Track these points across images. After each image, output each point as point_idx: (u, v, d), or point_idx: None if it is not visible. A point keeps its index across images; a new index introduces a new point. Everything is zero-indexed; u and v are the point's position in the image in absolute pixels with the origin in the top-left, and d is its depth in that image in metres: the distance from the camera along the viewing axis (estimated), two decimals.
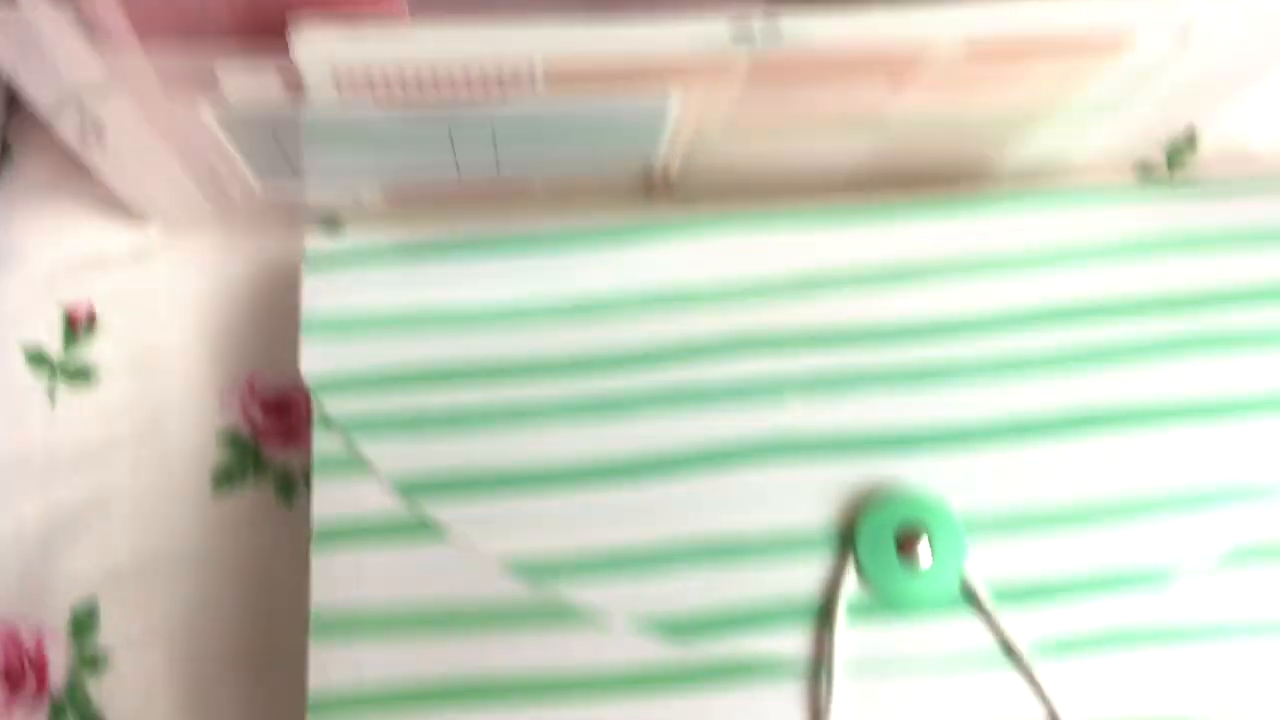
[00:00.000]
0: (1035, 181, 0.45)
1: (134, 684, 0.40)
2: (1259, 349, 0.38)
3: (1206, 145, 0.46)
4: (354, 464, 0.37)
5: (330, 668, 0.35)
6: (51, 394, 0.43)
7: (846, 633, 0.35)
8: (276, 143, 0.37)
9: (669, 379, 0.38)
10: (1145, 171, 0.47)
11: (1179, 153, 0.46)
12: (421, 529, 0.37)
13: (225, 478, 0.42)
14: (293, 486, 0.42)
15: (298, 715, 0.35)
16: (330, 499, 0.37)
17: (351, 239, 0.41)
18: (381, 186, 0.42)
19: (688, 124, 0.37)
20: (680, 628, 0.35)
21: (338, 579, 0.36)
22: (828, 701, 0.35)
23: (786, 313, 0.39)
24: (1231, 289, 0.39)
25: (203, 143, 0.37)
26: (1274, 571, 0.36)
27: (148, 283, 0.45)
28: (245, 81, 0.33)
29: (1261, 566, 0.36)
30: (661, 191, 0.46)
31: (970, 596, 0.36)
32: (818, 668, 0.35)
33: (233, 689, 0.40)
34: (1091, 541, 0.36)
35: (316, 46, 0.30)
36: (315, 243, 0.41)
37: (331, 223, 0.45)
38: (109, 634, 0.41)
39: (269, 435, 0.43)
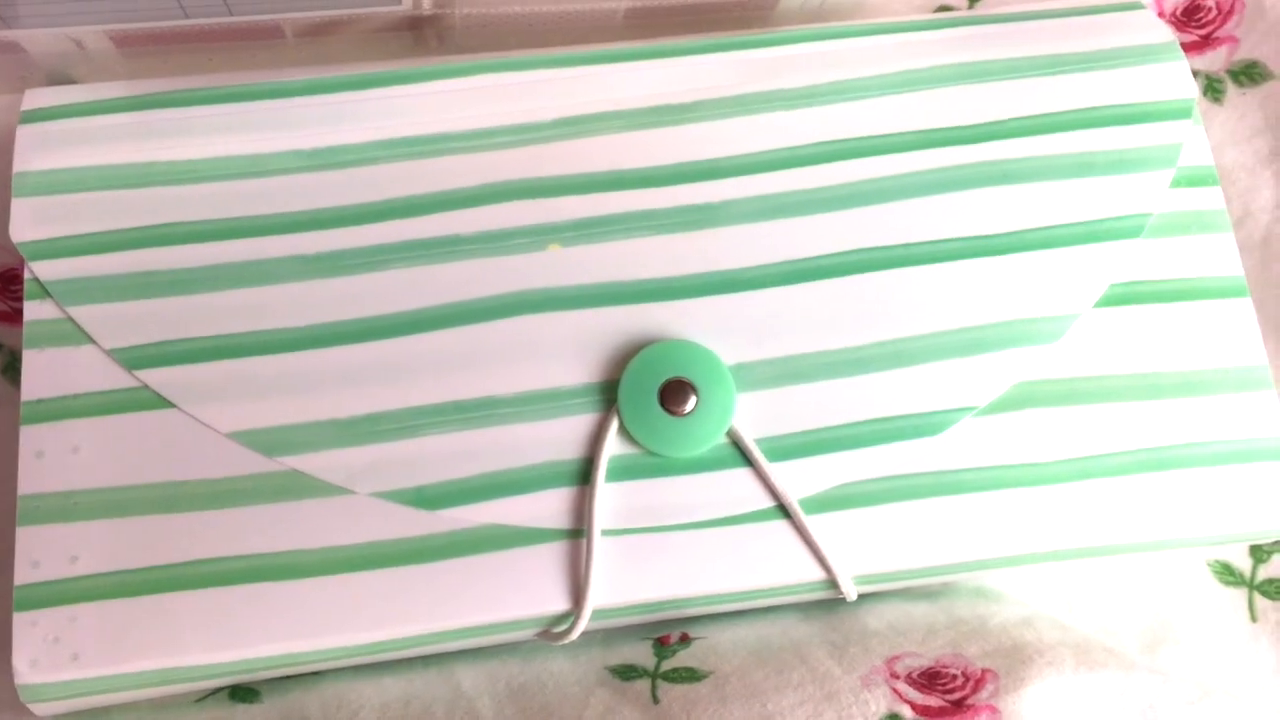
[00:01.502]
0: (825, 22, 0.42)
1: None
2: (1041, 181, 0.37)
3: None
4: (68, 333, 0.34)
5: (41, 557, 0.32)
6: None
7: (608, 491, 0.33)
8: None
9: (416, 230, 0.35)
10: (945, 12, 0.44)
11: None
12: (142, 401, 0.33)
13: None
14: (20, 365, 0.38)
15: None
16: (42, 371, 0.34)
17: (74, 91, 0.37)
18: (107, 30, 0.38)
19: None
20: (430, 498, 0.33)
21: (50, 458, 0.33)
22: (589, 562, 0.33)
23: (548, 157, 0.36)
24: (1017, 120, 0.38)
25: None
26: (1049, 415, 0.35)
27: None
28: None
29: (1037, 410, 0.35)
30: (433, 40, 0.42)
31: (739, 450, 0.34)
32: (578, 529, 0.33)
33: None
34: (865, 389, 0.35)
35: None
36: (35, 97, 0.37)
37: (65, 82, 0.41)
38: None
39: None
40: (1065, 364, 0.35)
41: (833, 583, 0.34)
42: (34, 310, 0.34)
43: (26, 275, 0.34)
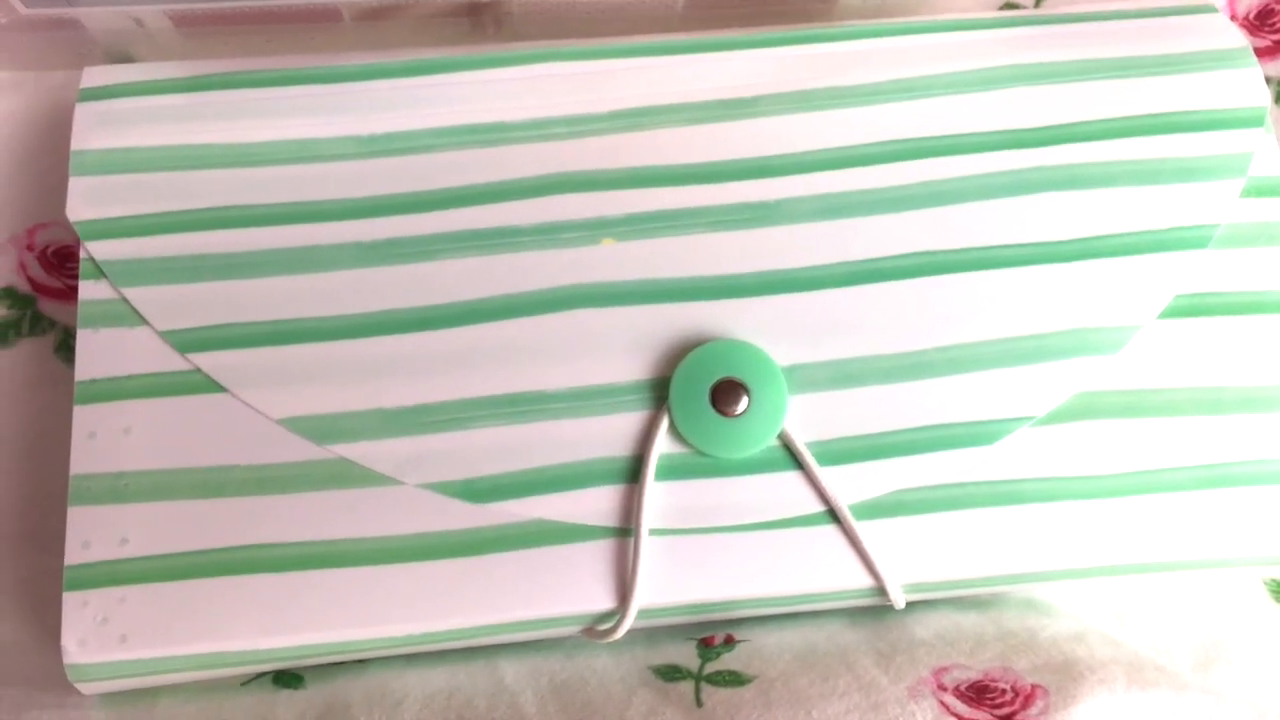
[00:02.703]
0: (888, 18, 0.41)
1: None
2: (1109, 187, 0.36)
3: None
4: (123, 314, 0.34)
5: (91, 537, 0.32)
6: None
7: (657, 490, 0.33)
8: None
9: (471, 220, 0.35)
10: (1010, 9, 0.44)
11: None
12: (194, 385, 0.33)
13: None
14: (74, 344, 0.38)
15: None
16: (96, 351, 0.34)
17: (133, 70, 0.37)
18: (166, 10, 0.38)
19: None
20: (478, 491, 0.33)
21: (102, 438, 0.33)
22: (635, 561, 0.32)
23: (604, 150, 0.36)
24: (1084, 124, 0.37)
25: None
26: (1109, 427, 0.34)
27: None
28: None
29: (1098, 421, 0.34)
30: (490, 27, 0.42)
31: (790, 453, 0.33)
32: (626, 527, 0.33)
33: (5, 562, 0.37)
34: (920, 395, 0.34)
35: None
36: (93, 74, 0.37)
37: (124, 60, 0.41)
38: None
39: (48, 291, 0.39)
40: (1126, 375, 0.35)
41: (881, 590, 0.33)
42: (89, 290, 0.34)
43: (82, 255, 0.34)
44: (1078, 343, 0.35)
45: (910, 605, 0.34)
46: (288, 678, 0.35)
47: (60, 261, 0.39)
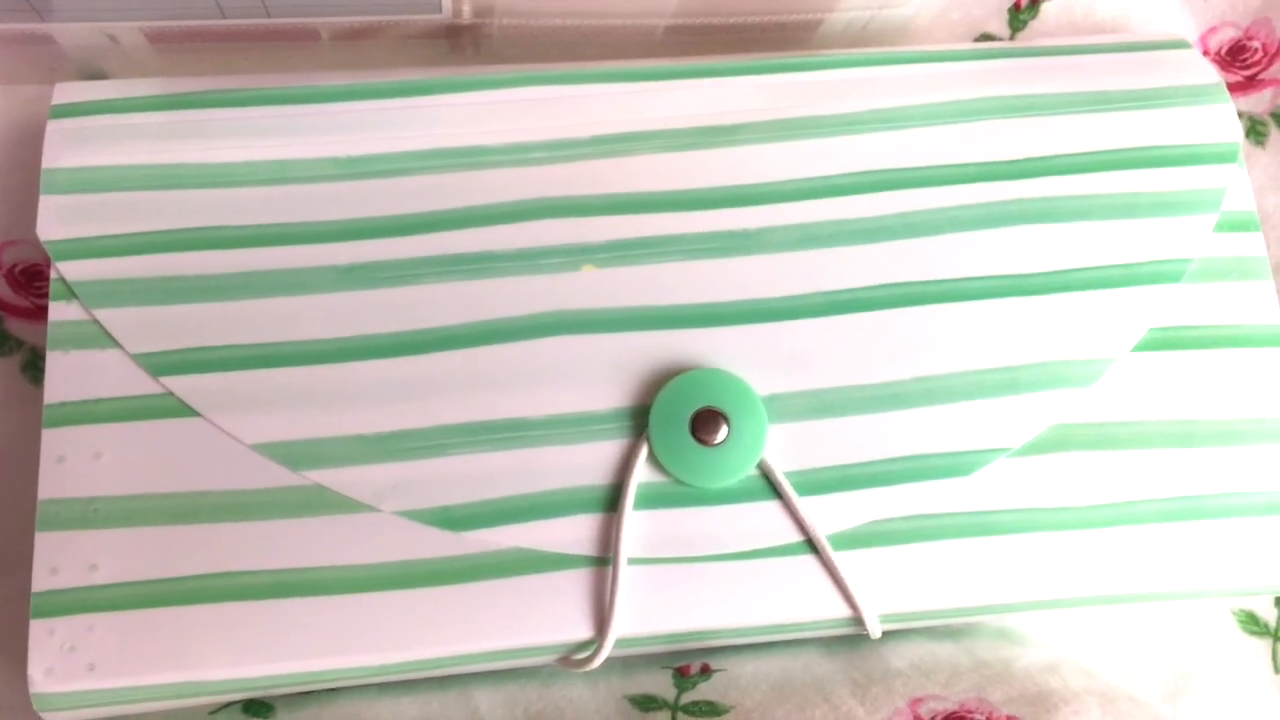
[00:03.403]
0: (867, 47, 0.42)
1: None
2: (1084, 220, 0.36)
3: (1050, 10, 0.43)
4: (94, 335, 0.33)
5: (60, 564, 0.32)
6: None
7: (636, 519, 0.33)
8: None
9: (451, 245, 0.35)
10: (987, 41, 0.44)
11: (1020, 18, 0.43)
12: (167, 409, 0.33)
13: None
14: (42, 365, 0.38)
15: None
16: (66, 374, 0.33)
17: (106, 87, 0.37)
18: (141, 26, 0.37)
19: None
20: (455, 519, 0.32)
21: (72, 463, 0.32)
22: (613, 591, 0.32)
23: (585, 175, 0.36)
24: (1059, 158, 0.37)
25: None
26: (1083, 459, 0.34)
27: None
28: None
29: (1072, 453, 0.34)
30: (469, 49, 0.42)
31: (769, 482, 0.33)
32: (604, 556, 0.33)
33: None
34: (898, 426, 0.34)
35: None
36: (65, 90, 0.36)
37: (97, 76, 0.41)
38: None
39: (16, 310, 0.38)
40: (1100, 408, 0.35)
41: (858, 620, 0.33)
42: (59, 311, 0.34)
43: (53, 275, 0.34)
44: (1052, 375, 0.35)
45: (885, 634, 0.34)
46: (257, 706, 0.34)
47: (28, 280, 0.39)
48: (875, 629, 0.33)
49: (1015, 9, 0.43)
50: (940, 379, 0.35)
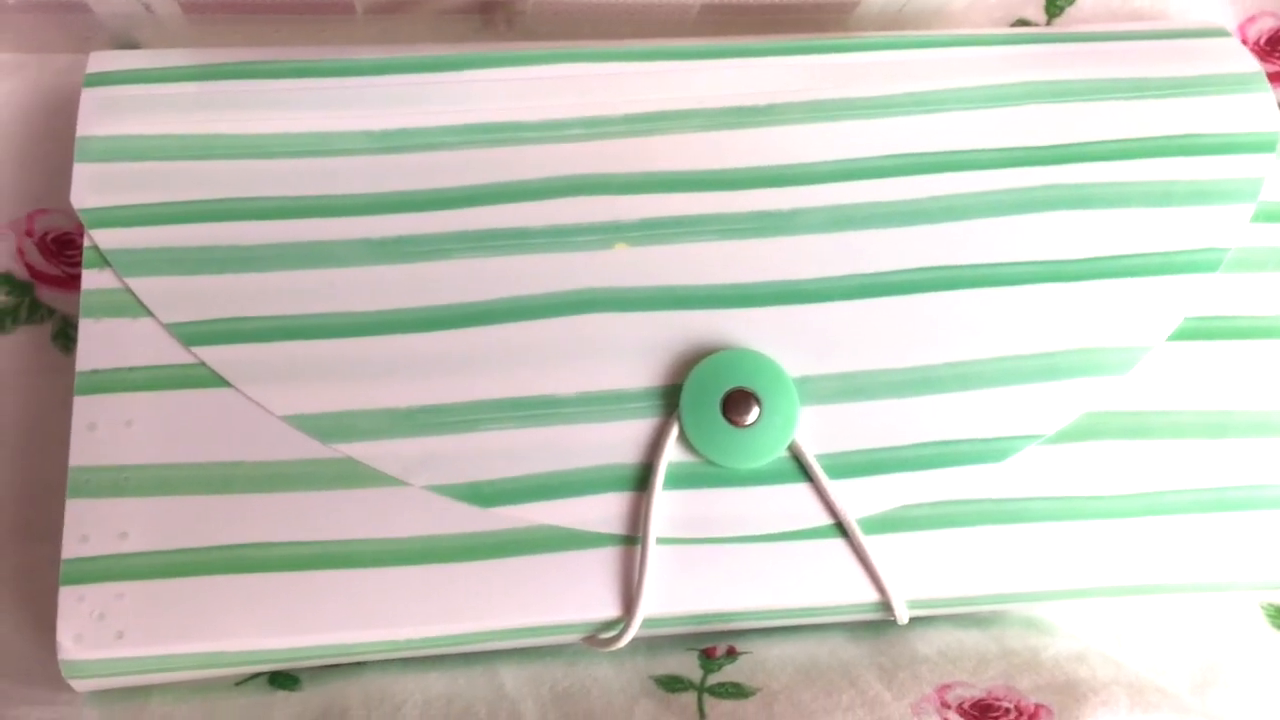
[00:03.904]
0: (903, 30, 0.41)
1: None
2: (1120, 208, 0.36)
3: None
4: (126, 304, 0.33)
5: (90, 531, 0.32)
6: None
7: (665, 499, 0.33)
8: None
9: (483, 220, 0.35)
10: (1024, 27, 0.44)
11: (1057, 4, 0.43)
12: (199, 379, 0.33)
13: None
14: (73, 333, 0.38)
15: None
16: (98, 342, 0.33)
17: (140, 57, 0.37)
18: None
19: None
20: (485, 495, 0.32)
21: (103, 431, 0.32)
22: (642, 570, 0.32)
23: (618, 153, 0.36)
24: (1097, 144, 0.37)
25: None
26: (1115, 448, 0.34)
27: None
28: None
29: (1104, 441, 0.34)
30: (502, 25, 0.41)
31: (799, 464, 0.33)
32: (633, 535, 0.32)
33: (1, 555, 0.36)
34: (930, 410, 0.34)
35: None
36: (100, 59, 0.36)
37: (131, 45, 0.40)
38: None
39: (47, 278, 0.38)
40: (1134, 396, 0.35)
41: (886, 605, 0.33)
42: (92, 279, 0.34)
43: (86, 243, 0.34)
44: (1086, 362, 0.35)
45: (912, 620, 0.34)
46: (283, 678, 0.34)
47: (59, 248, 0.38)
48: (903, 615, 0.33)
49: None
50: (973, 364, 0.34)
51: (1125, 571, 0.34)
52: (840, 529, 0.33)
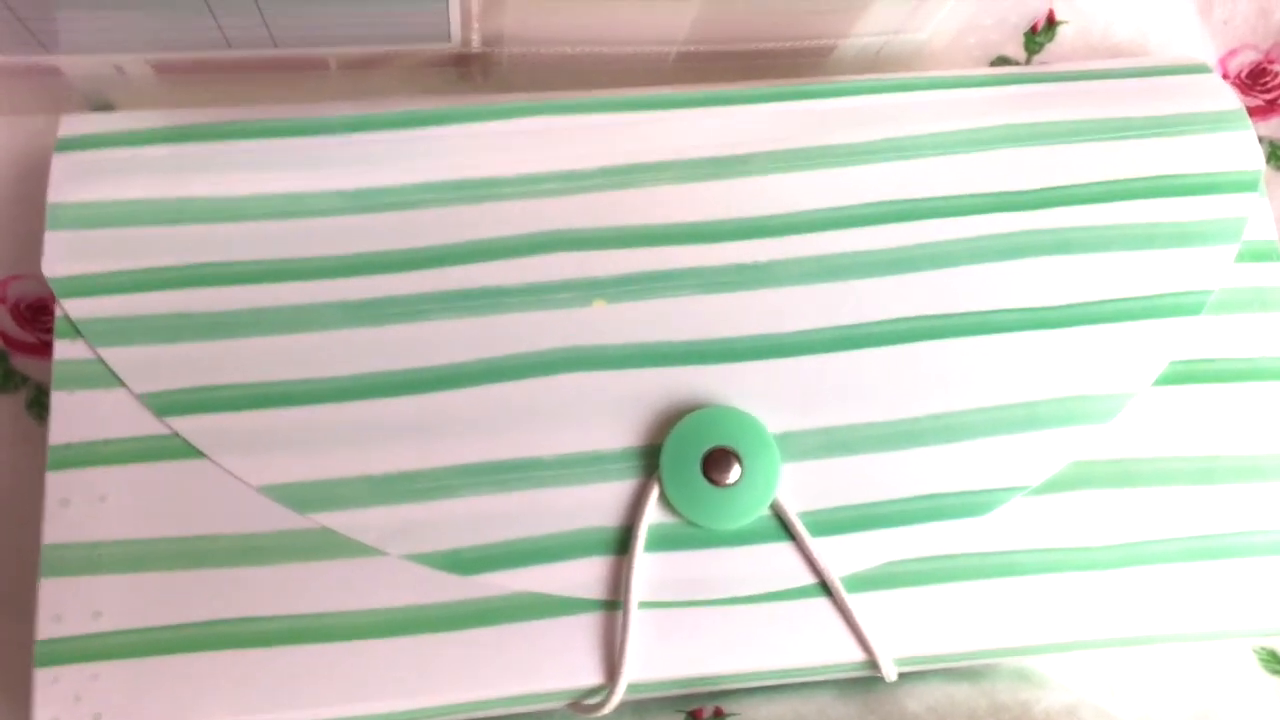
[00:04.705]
0: (881, 72, 0.41)
1: None
2: (1102, 252, 0.36)
3: (1067, 33, 0.43)
4: (99, 375, 0.33)
5: (64, 611, 0.31)
6: None
7: (646, 562, 0.32)
8: (4, 4, 0.32)
9: (459, 280, 0.34)
10: (1003, 66, 0.43)
11: (1036, 41, 0.43)
12: (172, 450, 0.32)
13: None
14: (47, 401, 0.37)
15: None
16: (71, 415, 0.33)
17: (112, 119, 0.36)
18: (146, 59, 0.37)
19: None
20: (464, 562, 0.32)
21: (76, 506, 0.32)
22: (624, 635, 0.32)
23: (594, 207, 0.35)
24: (1077, 187, 0.36)
25: None
26: (1102, 497, 0.34)
27: None
28: None
29: (1091, 491, 0.34)
30: (478, 77, 0.41)
31: (782, 523, 0.33)
32: (615, 600, 0.32)
33: None
34: (913, 464, 0.34)
35: None
36: (71, 123, 0.36)
37: (103, 107, 0.40)
38: None
39: (21, 346, 0.38)
40: (1120, 444, 0.34)
41: (873, 663, 0.33)
42: (64, 349, 0.33)
43: (58, 313, 0.33)
44: (1071, 411, 0.34)
45: (901, 676, 0.34)
46: None
47: (34, 315, 0.38)
48: (891, 672, 0.33)
49: (1032, 32, 0.43)
50: (956, 415, 0.34)
51: (1115, 623, 0.33)
52: (825, 588, 0.33)
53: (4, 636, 0.35)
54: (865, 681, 0.35)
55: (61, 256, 0.34)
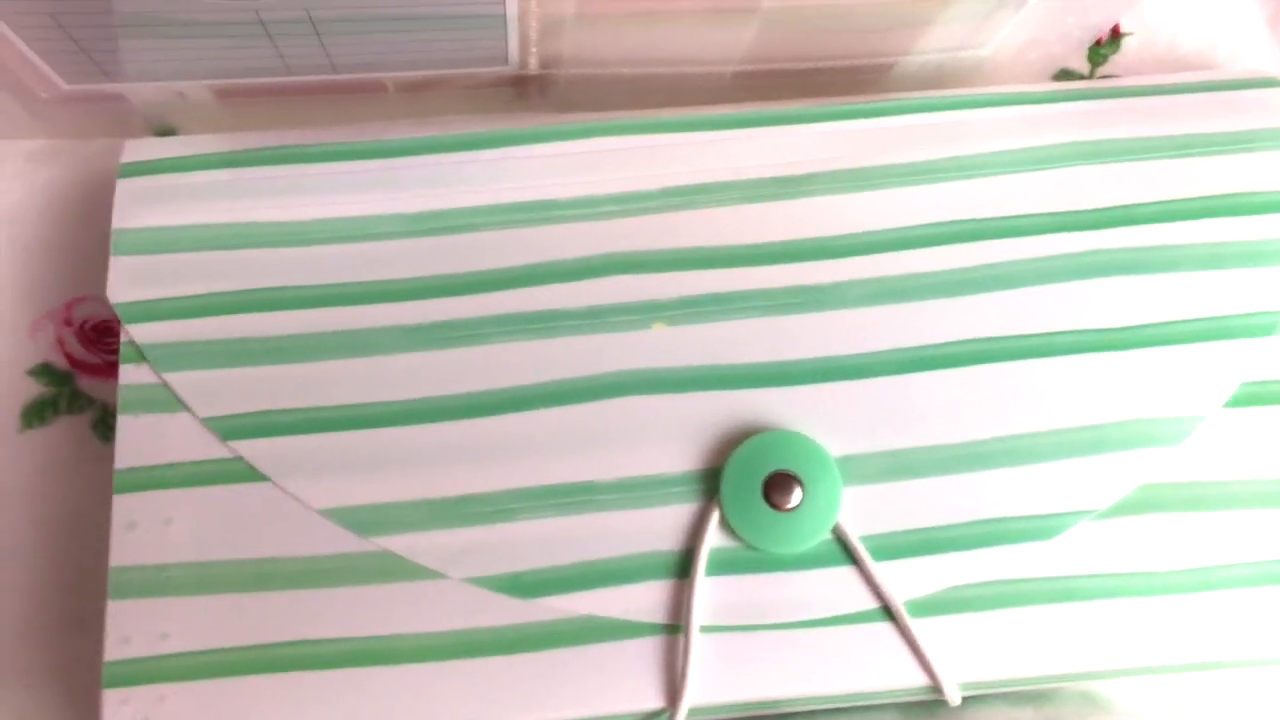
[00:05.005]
0: (942, 88, 0.41)
1: None
2: (1171, 272, 0.35)
3: (1132, 44, 0.42)
4: (163, 399, 0.33)
5: (131, 631, 0.32)
6: None
7: (707, 586, 0.32)
8: (69, 36, 0.32)
9: (519, 303, 0.34)
10: (1066, 79, 0.43)
11: (1100, 53, 0.42)
12: (236, 473, 0.33)
13: (35, 413, 0.38)
14: (113, 422, 0.38)
15: None
16: (136, 439, 0.33)
17: (176, 145, 0.37)
18: (208, 85, 0.37)
19: (531, 10, 0.33)
20: (525, 586, 0.32)
21: (142, 529, 0.32)
22: (686, 660, 0.31)
23: (654, 229, 0.35)
24: (1145, 206, 0.36)
25: None
26: (1171, 521, 0.33)
27: None
28: None
29: (1159, 515, 0.33)
30: (535, 97, 0.41)
31: (844, 547, 0.33)
32: (676, 624, 0.32)
33: (38, 651, 0.36)
34: (978, 488, 0.33)
35: None
36: (135, 149, 0.37)
37: (166, 130, 0.41)
38: None
39: (86, 367, 0.38)
40: (1190, 467, 0.34)
41: (937, 688, 0.32)
42: (129, 374, 0.34)
43: (123, 338, 0.34)
44: (1140, 433, 0.34)
45: (965, 700, 0.33)
46: None
47: (99, 336, 0.39)
48: (955, 697, 0.32)
49: (1096, 44, 0.42)
50: (1022, 438, 0.34)
51: (1182, 649, 0.33)
52: (888, 613, 0.32)
53: (74, 654, 0.35)
54: (928, 704, 0.34)
55: (126, 282, 0.34)
